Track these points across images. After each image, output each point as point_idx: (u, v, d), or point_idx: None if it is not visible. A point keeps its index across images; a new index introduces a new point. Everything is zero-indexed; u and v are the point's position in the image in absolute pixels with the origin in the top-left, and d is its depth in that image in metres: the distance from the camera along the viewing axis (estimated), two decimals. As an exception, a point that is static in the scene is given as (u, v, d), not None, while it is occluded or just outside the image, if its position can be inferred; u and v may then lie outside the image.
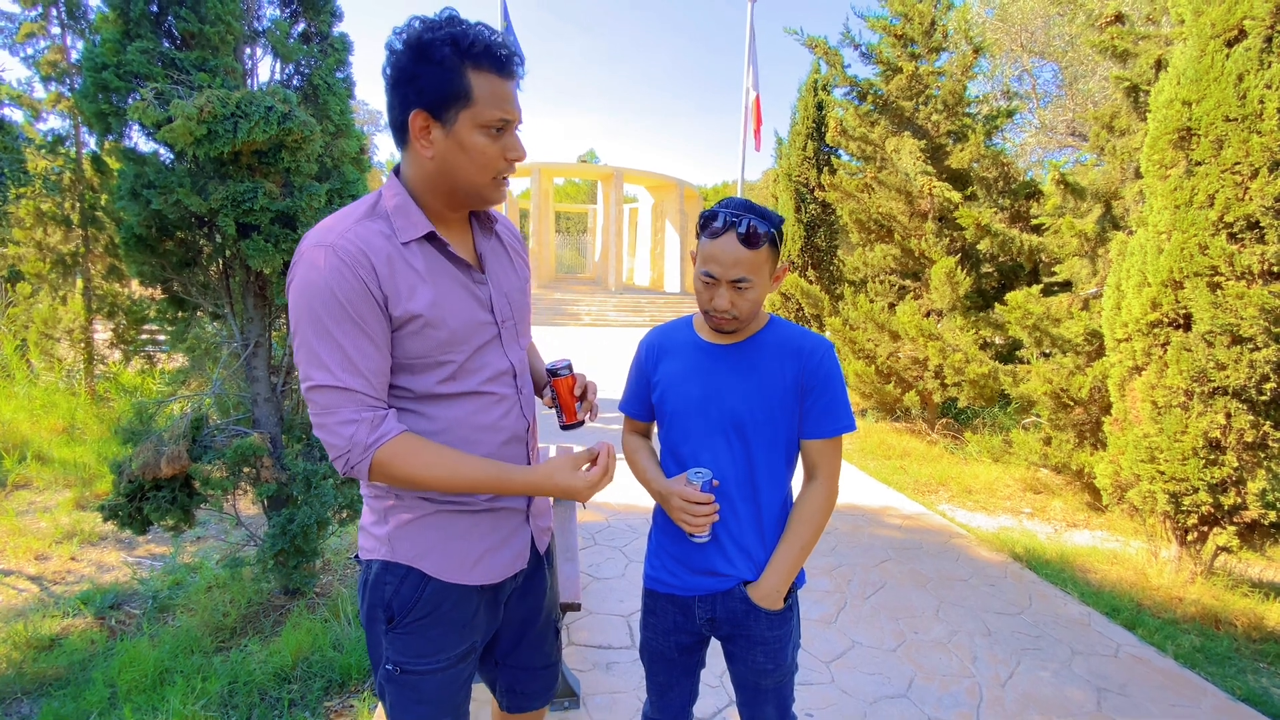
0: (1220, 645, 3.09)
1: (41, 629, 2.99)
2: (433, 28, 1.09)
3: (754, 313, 1.38)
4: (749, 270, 1.31)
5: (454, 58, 1.08)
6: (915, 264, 7.09)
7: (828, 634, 3.05)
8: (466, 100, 1.10)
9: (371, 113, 32.54)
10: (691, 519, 1.37)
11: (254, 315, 3.09)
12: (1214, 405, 3.26)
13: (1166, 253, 3.36)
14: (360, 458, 1.10)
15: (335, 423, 1.10)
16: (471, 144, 1.13)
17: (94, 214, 7.43)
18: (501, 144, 1.16)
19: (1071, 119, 12.55)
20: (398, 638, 1.25)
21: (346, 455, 1.11)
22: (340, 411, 1.10)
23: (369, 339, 1.11)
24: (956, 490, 5.42)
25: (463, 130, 1.12)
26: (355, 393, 1.11)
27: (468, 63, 1.09)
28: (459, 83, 1.09)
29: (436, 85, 1.10)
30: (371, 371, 1.12)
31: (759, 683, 1.49)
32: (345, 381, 1.10)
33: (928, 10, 6.80)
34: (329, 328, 1.09)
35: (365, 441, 1.10)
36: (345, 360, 1.10)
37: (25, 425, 5.98)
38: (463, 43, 1.08)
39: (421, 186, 1.20)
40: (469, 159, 1.15)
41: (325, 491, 3.00)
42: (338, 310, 1.09)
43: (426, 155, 1.15)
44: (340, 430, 1.10)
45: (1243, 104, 3.09)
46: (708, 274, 1.34)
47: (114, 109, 2.72)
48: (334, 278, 1.08)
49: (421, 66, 1.09)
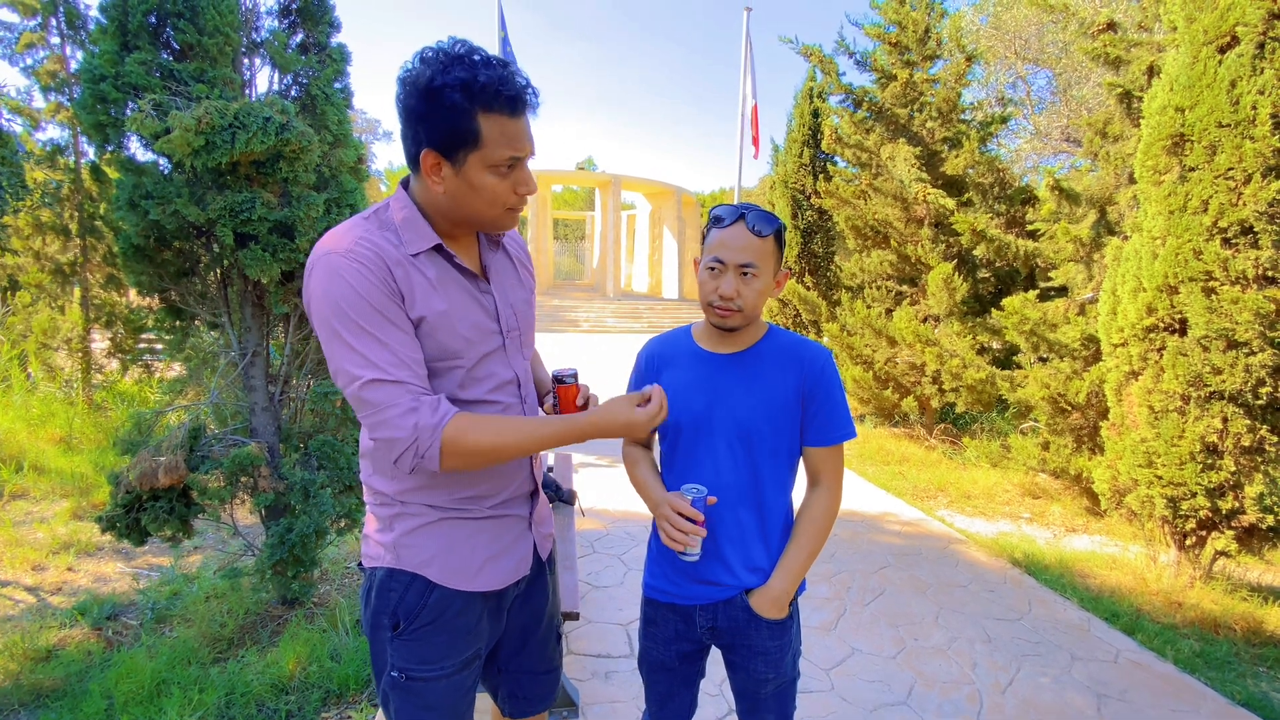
0: (1219, 650, 3.09)
1: (38, 640, 2.97)
2: (444, 70, 1.08)
3: (756, 309, 1.38)
4: (756, 257, 1.33)
5: (465, 102, 1.08)
6: (912, 270, 7.11)
7: (827, 641, 3.04)
8: (476, 144, 1.11)
9: (369, 121, 32.67)
10: (675, 531, 1.32)
11: (251, 325, 3.09)
12: (1210, 410, 3.27)
13: (1161, 258, 3.38)
14: (430, 440, 1.10)
15: (395, 415, 1.10)
16: (480, 184, 1.15)
17: (92, 224, 7.42)
18: (511, 180, 1.17)
19: (1066, 125, 12.62)
20: (403, 645, 1.25)
21: (415, 444, 1.10)
22: (398, 403, 1.10)
23: (404, 332, 1.13)
24: (955, 496, 5.42)
25: (472, 171, 1.13)
26: (407, 384, 1.11)
27: (479, 107, 1.09)
28: (468, 126, 1.10)
29: (447, 129, 1.10)
30: (415, 362, 1.13)
31: (758, 691, 1.49)
32: (395, 375, 1.10)
33: (922, 18, 6.85)
34: (365, 327, 1.09)
35: (432, 423, 1.10)
36: (390, 355, 1.11)
37: (23, 435, 5.96)
38: (473, 87, 1.07)
39: (431, 209, 1.21)
40: (478, 196, 1.16)
41: (323, 501, 2.99)
42: (369, 310, 1.10)
43: (438, 190, 1.17)
44: (402, 422, 1.09)
45: (1235, 110, 3.11)
46: (715, 259, 1.35)
47: (112, 120, 2.73)
48: (359, 280, 1.09)
49: (431, 108, 1.09)
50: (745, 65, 11.34)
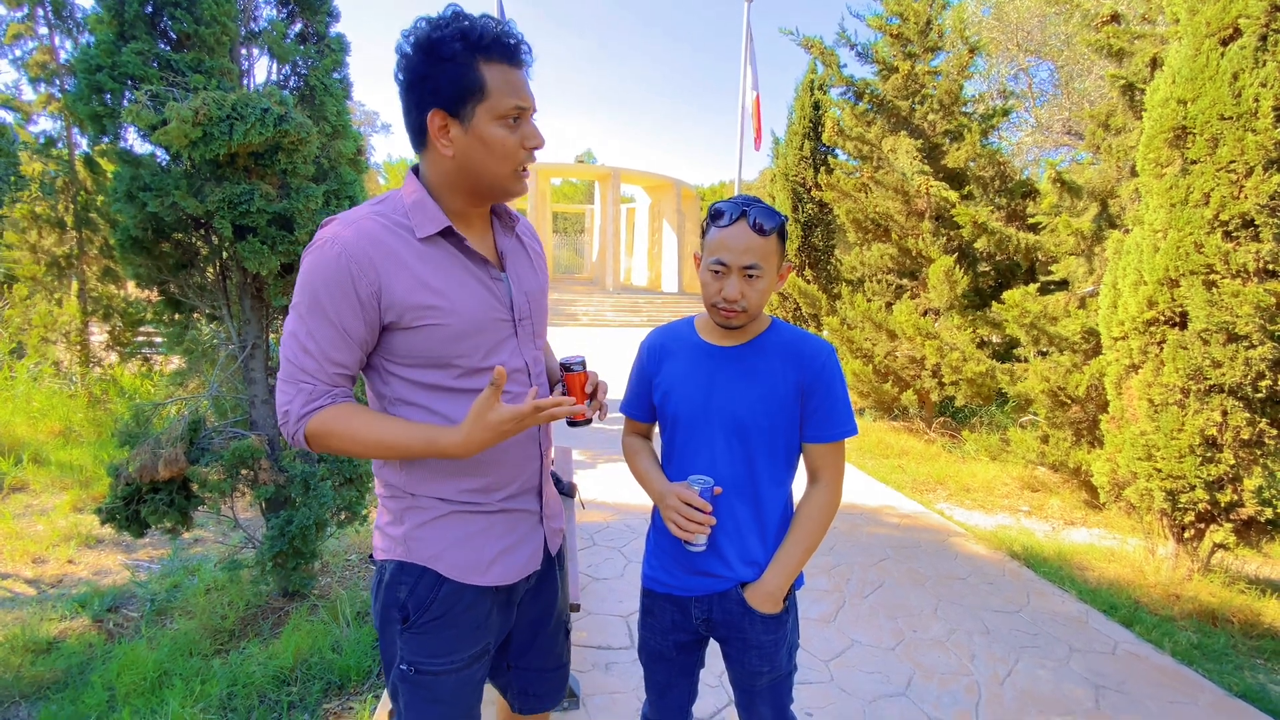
0: (1217, 642, 3.10)
1: (39, 632, 2.98)
2: (440, 26, 1.10)
3: (760, 306, 1.37)
4: (760, 257, 1.32)
5: (465, 52, 1.09)
6: (912, 263, 7.10)
7: (826, 633, 3.05)
8: (481, 93, 1.11)
9: (368, 114, 32.51)
10: (683, 521, 1.36)
11: (251, 317, 3.09)
12: (1210, 403, 3.27)
13: (1162, 251, 3.37)
14: (294, 428, 1.16)
15: (281, 393, 1.17)
16: (491, 136, 1.14)
17: (88, 216, 7.39)
18: (520, 133, 1.16)
19: (1068, 118, 12.58)
20: (413, 638, 1.25)
21: (285, 423, 1.17)
22: (286, 387, 1.16)
23: (336, 330, 1.14)
24: (954, 489, 5.44)
25: (481, 124, 1.13)
26: (306, 373, 1.15)
27: (479, 55, 1.09)
28: (472, 76, 1.10)
29: (450, 82, 1.10)
30: (328, 360, 1.15)
31: (753, 684, 1.49)
32: (301, 362, 1.15)
33: (923, 9, 6.81)
34: (303, 313, 1.15)
35: (299, 413, 1.15)
36: (311, 347, 1.14)
37: (22, 428, 5.96)
38: (471, 36, 1.08)
39: (442, 185, 1.20)
40: (489, 152, 1.15)
41: (323, 493, 2.99)
42: (316, 303, 1.13)
43: (447, 154, 1.15)
44: (280, 399, 1.17)
45: (1238, 102, 3.10)
46: (718, 262, 1.33)
47: (109, 111, 2.71)
48: (320, 268, 1.12)
49: (433, 65, 1.10)
50: (745, 58, 11.29)
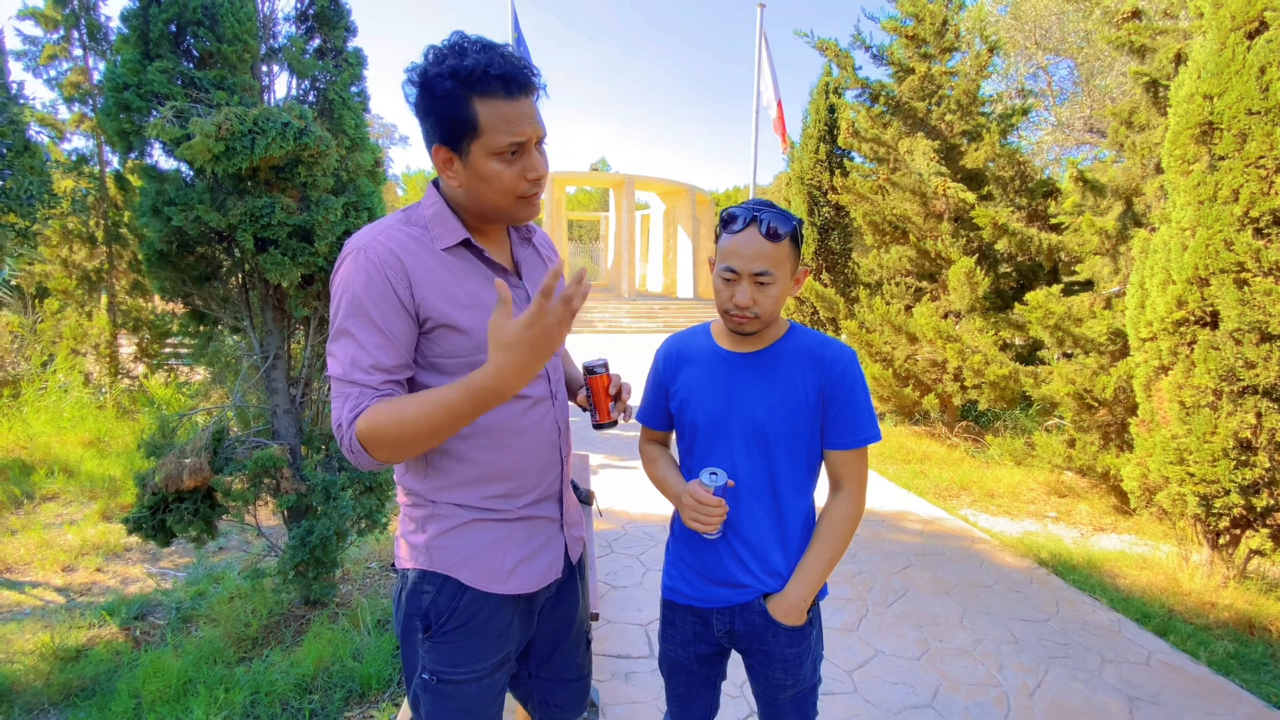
0: (1255, 651, 3.01)
1: (68, 640, 3.03)
2: (436, 61, 1.09)
3: (774, 313, 1.35)
4: (771, 264, 1.30)
5: (457, 90, 1.08)
6: (931, 265, 7.01)
7: (850, 642, 3.00)
8: (475, 131, 1.10)
9: (386, 126, 32.98)
10: (703, 520, 1.34)
11: (273, 328, 3.13)
12: (1244, 405, 3.18)
13: (1191, 249, 3.29)
14: (347, 431, 1.11)
15: (333, 410, 1.15)
16: (487, 172, 1.14)
17: (118, 231, 7.58)
18: (519, 166, 1.15)
19: (1088, 115, 12.38)
20: (435, 647, 1.25)
21: (340, 437, 1.13)
22: (335, 404, 1.14)
23: (383, 335, 1.13)
24: (978, 494, 5.34)
25: (477, 160, 1.13)
26: (355, 384, 1.13)
27: (472, 93, 1.08)
28: (464, 114, 1.09)
29: (445, 119, 1.11)
30: (378, 369, 1.13)
31: (777, 697, 1.46)
32: (350, 375, 1.13)
33: (939, 10, 6.76)
34: (347, 325, 1.13)
35: (348, 417, 1.11)
36: (358, 355, 1.13)
37: (53, 439, 6.10)
38: (462, 73, 1.07)
39: (456, 203, 1.23)
40: (488, 186, 1.16)
41: (344, 502, 3.02)
42: (359, 310, 1.12)
43: (454, 184, 1.18)
44: (334, 416, 1.14)
45: (1265, 96, 3.02)
46: (729, 269, 1.31)
47: (135, 128, 2.77)
48: (359, 277, 1.12)
49: (430, 102, 1.10)
50: (759, 62, 11.28)
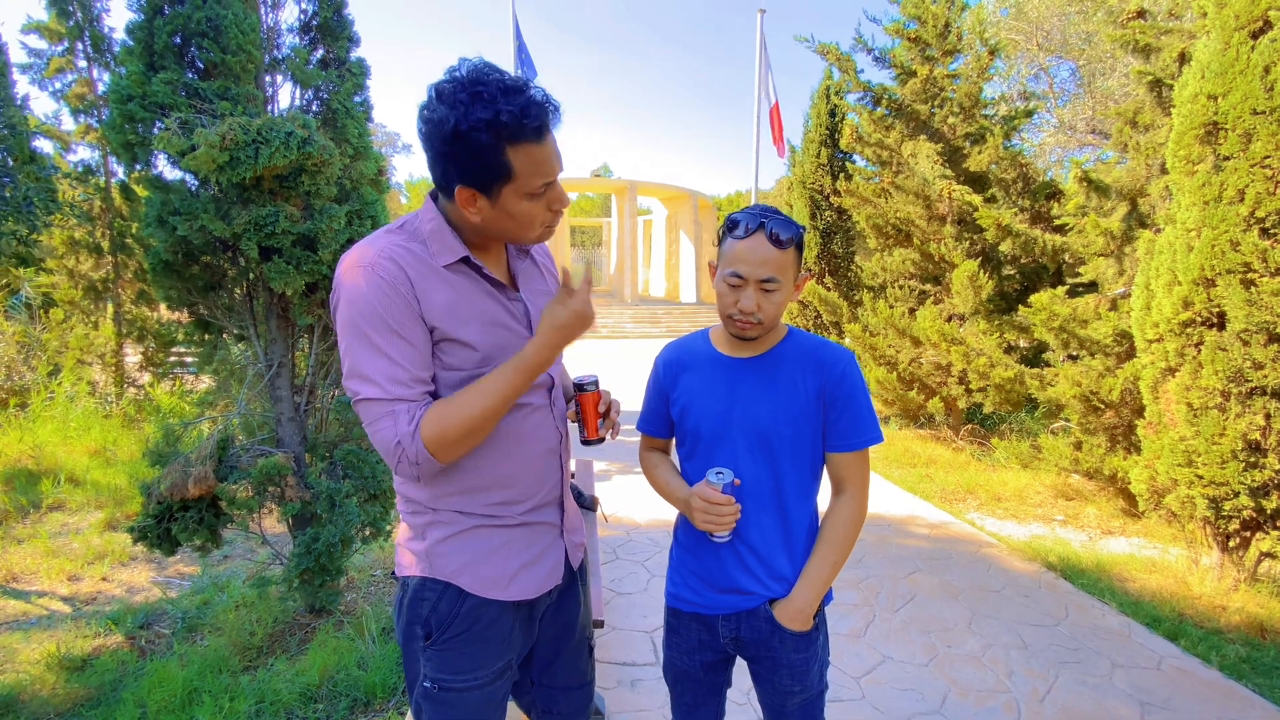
0: (1267, 655, 2.97)
1: (73, 649, 3.04)
2: (465, 110, 1.05)
3: (777, 318, 1.35)
4: (776, 270, 1.30)
5: (491, 141, 1.07)
6: (935, 268, 7.00)
7: (857, 648, 2.98)
8: (509, 177, 1.11)
9: (389, 135, 33.15)
10: (715, 520, 1.33)
11: (277, 336, 3.13)
12: (1252, 406, 3.16)
13: (1197, 250, 3.28)
14: (412, 443, 1.11)
15: (381, 429, 1.12)
16: (518, 211, 1.16)
17: (124, 241, 7.63)
18: (545, 200, 1.18)
19: (1091, 116, 12.36)
20: (436, 654, 1.25)
21: (402, 452, 1.11)
22: (381, 418, 1.13)
23: (412, 345, 1.13)
24: (985, 498, 5.31)
25: (508, 201, 1.15)
26: (401, 401, 1.12)
27: (505, 143, 1.08)
28: (499, 162, 1.10)
29: (477, 168, 1.11)
30: (414, 379, 1.14)
31: (784, 704, 1.45)
32: (389, 391, 1.12)
33: (941, 12, 6.76)
34: (373, 341, 1.12)
35: (408, 430, 1.11)
36: (389, 369, 1.12)
37: (60, 448, 6.12)
38: (497, 126, 1.06)
39: (462, 225, 1.22)
40: (516, 223, 1.18)
41: (349, 510, 3.02)
42: (379, 323, 1.11)
43: (475, 220, 1.18)
44: (386, 435, 1.12)
45: (1270, 96, 3.01)
46: (734, 274, 1.31)
47: (140, 139, 2.79)
48: (374, 293, 1.11)
49: (459, 148, 1.09)
50: (760, 67, 11.30)
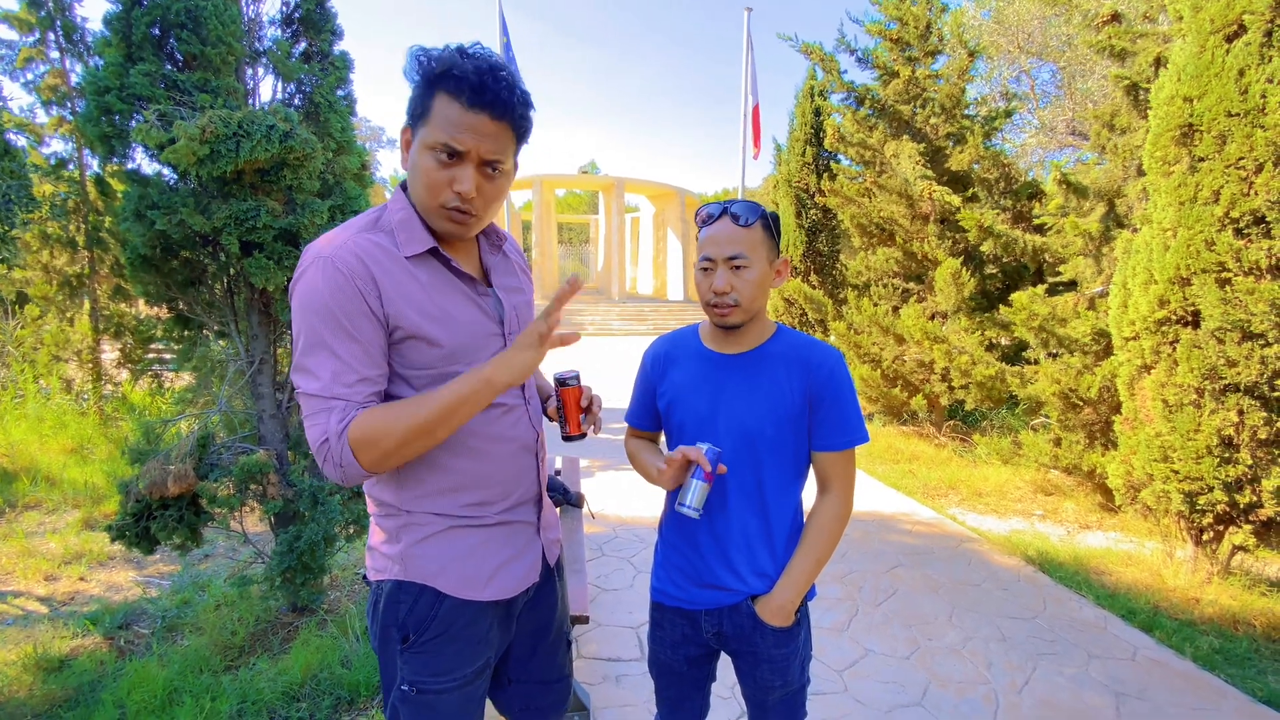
0: (1239, 646, 3.05)
1: (51, 650, 2.99)
2: (442, 50, 1.13)
3: (755, 301, 1.35)
4: (745, 247, 1.33)
5: (425, 76, 1.12)
6: (918, 267, 7.07)
7: (840, 642, 3.01)
8: (424, 118, 1.13)
9: (374, 129, 32.83)
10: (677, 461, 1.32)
11: (258, 332, 3.10)
12: (1226, 403, 3.23)
13: (1173, 250, 3.34)
14: (338, 442, 1.07)
15: (314, 426, 1.10)
16: (419, 161, 1.14)
17: (99, 236, 7.48)
18: (450, 173, 1.13)
19: (1071, 118, 12.55)
20: (413, 657, 1.24)
21: (327, 450, 1.08)
22: (316, 414, 1.10)
23: (362, 345, 1.11)
24: (966, 493, 5.38)
25: (419, 151, 1.14)
26: (338, 399, 1.10)
27: (437, 86, 1.11)
28: (424, 101, 1.13)
29: (412, 99, 1.15)
30: (360, 380, 1.11)
31: (765, 698, 1.47)
32: (332, 390, 1.10)
33: (923, 14, 6.82)
34: (324, 337, 1.10)
35: (336, 429, 1.08)
36: (336, 367, 1.10)
37: (35, 446, 6.00)
38: (434, 63, 1.11)
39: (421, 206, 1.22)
40: (416, 176, 1.16)
41: (332, 508, 2.99)
42: (331, 320, 1.09)
43: (405, 168, 1.20)
44: (316, 432, 1.10)
45: (1244, 99, 3.07)
46: (706, 258, 1.36)
47: (117, 131, 2.74)
48: (329, 287, 1.09)
49: (410, 78, 1.15)
50: (746, 65, 11.33)
